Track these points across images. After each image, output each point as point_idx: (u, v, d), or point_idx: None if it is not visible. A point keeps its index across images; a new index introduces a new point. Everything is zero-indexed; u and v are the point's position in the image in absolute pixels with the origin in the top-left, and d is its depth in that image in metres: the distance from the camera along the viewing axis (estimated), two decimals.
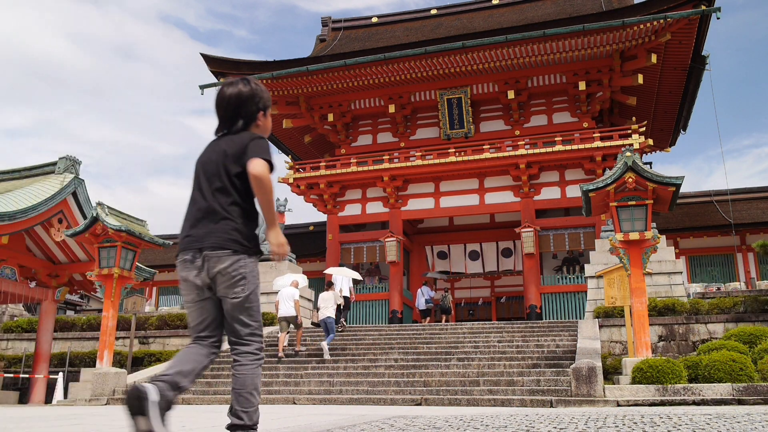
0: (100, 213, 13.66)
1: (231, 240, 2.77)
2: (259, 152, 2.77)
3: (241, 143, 2.83)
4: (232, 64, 23.65)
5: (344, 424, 4.45)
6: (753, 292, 15.98)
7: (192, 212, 2.86)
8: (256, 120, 2.98)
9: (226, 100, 2.96)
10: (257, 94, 2.98)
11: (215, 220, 2.78)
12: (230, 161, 2.82)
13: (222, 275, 2.74)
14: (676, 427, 3.95)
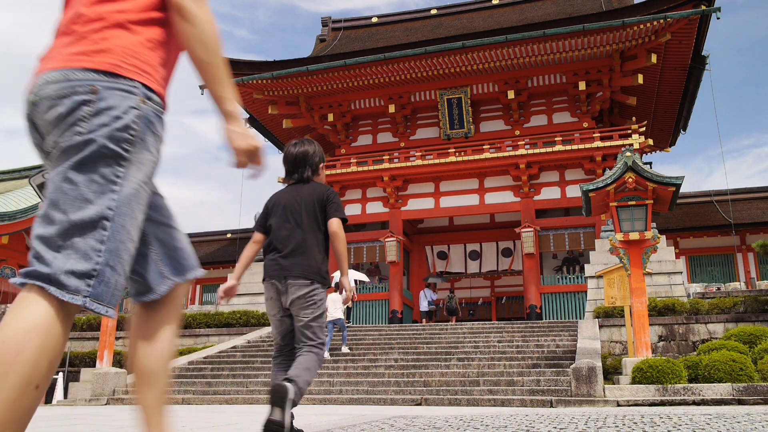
0: None
1: (311, 272, 3.53)
2: (337, 212, 3.71)
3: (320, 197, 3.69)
4: (232, 65, 23.64)
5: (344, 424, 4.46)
6: (753, 292, 15.98)
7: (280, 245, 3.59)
8: (318, 171, 3.87)
9: (294, 157, 3.81)
10: (317, 151, 3.86)
11: (301, 255, 3.53)
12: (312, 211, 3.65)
13: (299, 299, 3.49)
14: (676, 427, 3.95)
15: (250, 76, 22.50)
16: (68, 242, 1.43)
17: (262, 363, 13.49)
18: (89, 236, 1.45)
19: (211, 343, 17.09)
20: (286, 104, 24.35)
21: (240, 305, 18.83)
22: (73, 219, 1.44)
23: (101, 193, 1.48)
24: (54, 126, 1.51)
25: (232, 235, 30.27)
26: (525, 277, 21.66)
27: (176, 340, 1.71)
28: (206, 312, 18.85)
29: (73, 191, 1.45)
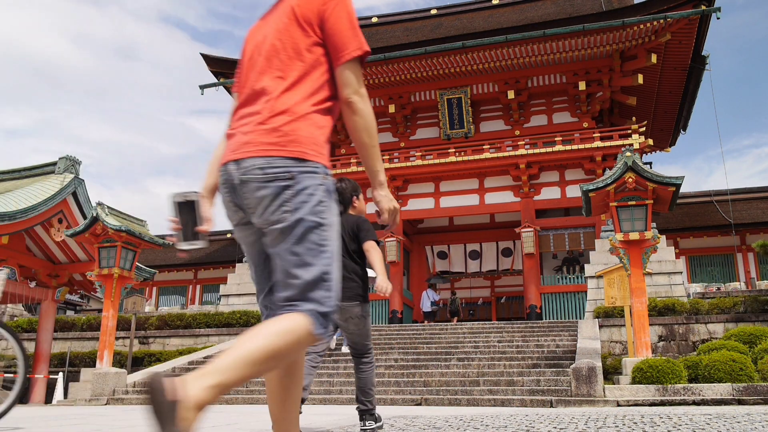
0: (100, 213, 13.67)
1: (358, 295, 4.31)
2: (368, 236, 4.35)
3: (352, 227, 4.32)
4: (233, 64, 23.64)
5: (344, 424, 4.46)
6: (753, 292, 15.98)
7: None
8: (352, 204, 4.51)
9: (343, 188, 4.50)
10: (349, 187, 4.50)
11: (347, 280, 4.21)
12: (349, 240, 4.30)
13: (352, 318, 4.28)
14: (676, 427, 3.95)
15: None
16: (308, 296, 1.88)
17: None
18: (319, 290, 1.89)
19: (211, 343, 17.09)
20: None
21: (240, 305, 18.84)
22: (307, 279, 1.88)
23: (317, 255, 1.91)
24: (260, 203, 1.92)
25: (233, 235, 30.25)
26: (525, 277, 21.66)
27: None
28: (206, 312, 18.86)
29: (299, 260, 1.89)
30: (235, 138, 1.99)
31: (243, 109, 2.03)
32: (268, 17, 2.15)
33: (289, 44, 2.01)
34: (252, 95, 2.02)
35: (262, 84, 2.00)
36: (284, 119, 1.94)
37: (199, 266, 29.98)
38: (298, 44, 2.00)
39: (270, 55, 2.03)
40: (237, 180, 1.94)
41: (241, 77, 2.13)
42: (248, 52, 2.14)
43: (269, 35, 2.05)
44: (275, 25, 2.06)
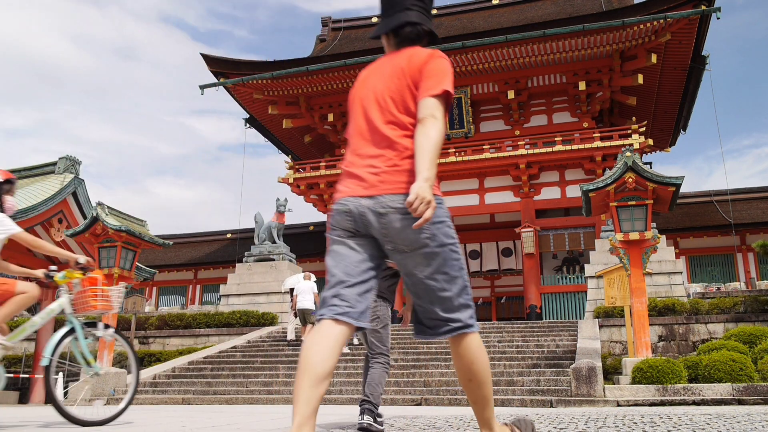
0: (100, 213, 13.67)
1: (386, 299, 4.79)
2: None
3: None
4: (232, 65, 23.65)
5: (344, 424, 4.45)
6: (753, 292, 15.98)
7: None
8: None
9: None
10: None
11: None
12: None
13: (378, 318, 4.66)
14: (676, 427, 3.95)
15: (250, 76, 22.49)
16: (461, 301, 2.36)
17: (262, 363, 13.48)
18: (465, 294, 2.39)
19: (211, 343, 17.09)
20: (286, 104, 24.34)
21: (240, 305, 18.84)
22: (459, 287, 2.37)
23: (458, 270, 2.39)
24: (401, 232, 2.30)
25: (232, 235, 30.27)
26: (525, 277, 21.66)
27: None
28: (206, 312, 18.86)
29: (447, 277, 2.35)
30: (365, 177, 2.37)
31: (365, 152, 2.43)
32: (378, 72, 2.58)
33: (401, 100, 2.41)
34: (374, 141, 2.42)
35: (383, 132, 2.40)
36: (412, 162, 2.31)
37: (199, 266, 29.98)
38: (408, 100, 2.40)
39: (385, 107, 2.43)
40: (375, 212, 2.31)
41: (355, 123, 2.56)
42: (361, 100, 2.56)
43: (384, 90, 2.46)
44: (388, 82, 2.47)
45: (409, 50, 2.53)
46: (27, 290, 4.28)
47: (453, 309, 2.34)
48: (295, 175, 23.76)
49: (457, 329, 2.34)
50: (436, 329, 2.38)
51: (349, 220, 2.36)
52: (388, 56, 2.62)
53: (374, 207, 2.31)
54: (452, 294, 2.34)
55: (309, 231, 29.27)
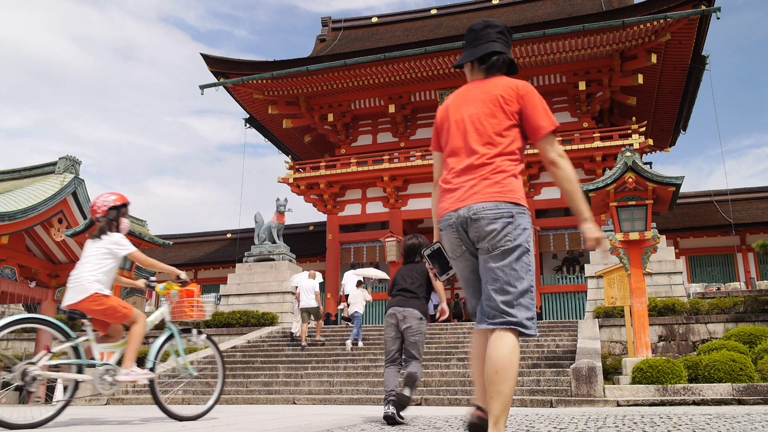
0: None
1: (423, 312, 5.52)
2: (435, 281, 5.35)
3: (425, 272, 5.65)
4: (232, 64, 23.65)
5: (344, 424, 4.45)
6: (753, 292, 15.97)
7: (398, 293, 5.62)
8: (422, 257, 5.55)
9: (410, 247, 5.88)
10: (423, 243, 5.72)
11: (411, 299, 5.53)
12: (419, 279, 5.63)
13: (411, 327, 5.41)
14: (676, 427, 3.95)
15: (250, 76, 22.49)
16: (519, 302, 2.63)
17: (262, 363, 13.48)
18: (527, 297, 2.66)
19: None
20: (286, 104, 24.34)
21: (240, 305, 18.83)
22: (520, 289, 2.64)
23: (527, 272, 2.68)
24: (488, 234, 2.67)
25: (232, 235, 30.27)
26: None
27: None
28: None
29: (516, 274, 2.64)
30: (461, 190, 2.77)
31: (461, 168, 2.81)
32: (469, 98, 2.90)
33: (496, 123, 2.79)
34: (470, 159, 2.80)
35: (478, 151, 2.78)
36: (502, 176, 2.73)
37: (199, 266, 29.98)
38: (502, 124, 2.79)
39: (482, 130, 2.80)
40: (468, 218, 2.70)
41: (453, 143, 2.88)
42: (456, 123, 2.89)
43: (479, 115, 2.82)
44: (482, 107, 2.83)
45: (498, 79, 2.90)
46: (141, 321, 4.75)
47: (513, 305, 2.64)
48: (295, 175, 23.76)
49: (510, 324, 2.62)
50: (494, 318, 2.66)
51: (454, 232, 2.79)
52: (476, 83, 2.95)
53: (468, 214, 2.72)
54: (516, 291, 2.65)
55: (309, 231, 29.27)
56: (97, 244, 4.75)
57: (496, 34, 2.94)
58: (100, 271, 4.63)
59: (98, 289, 4.55)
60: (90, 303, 4.52)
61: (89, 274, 4.57)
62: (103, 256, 4.69)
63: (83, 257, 4.71)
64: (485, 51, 2.90)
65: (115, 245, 4.76)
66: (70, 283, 4.62)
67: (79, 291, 4.53)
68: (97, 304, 4.53)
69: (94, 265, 4.63)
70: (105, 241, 4.76)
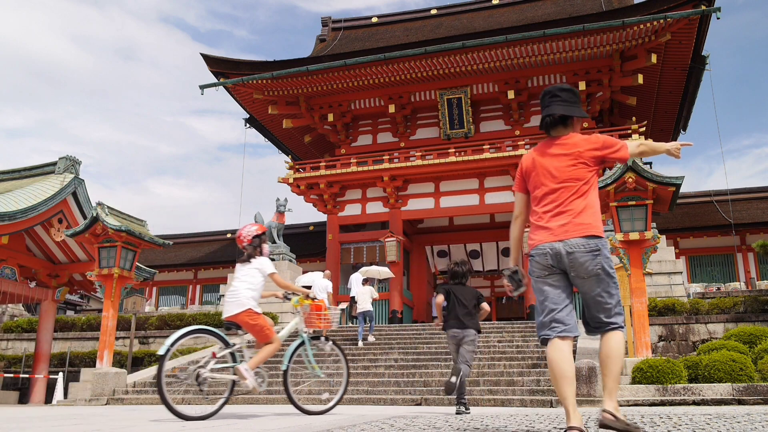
0: (99, 213, 13.66)
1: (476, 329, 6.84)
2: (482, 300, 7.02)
3: (475, 295, 6.96)
4: (232, 65, 23.64)
5: (344, 424, 4.45)
6: (753, 292, 15.97)
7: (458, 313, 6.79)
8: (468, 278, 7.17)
9: (461, 272, 7.07)
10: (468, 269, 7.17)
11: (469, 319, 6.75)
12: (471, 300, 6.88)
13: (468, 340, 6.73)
14: (676, 427, 3.95)
15: (250, 76, 22.49)
16: (616, 311, 3.43)
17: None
18: (619, 306, 3.45)
19: (211, 343, 17.03)
20: (286, 104, 24.34)
21: None
22: (616, 301, 3.42)
23: (616, 289, 3.43)
24: (583, 264, 3.35)
25: (232, 235, 30.27)
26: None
27: None
28: (206, 312, 18.85)
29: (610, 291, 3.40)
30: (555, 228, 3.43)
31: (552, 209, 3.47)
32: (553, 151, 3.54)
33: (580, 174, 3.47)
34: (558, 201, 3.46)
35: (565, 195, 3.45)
36: (589, 217, 3.42)
37: (199, 266, 29.98)
38: (584, 175, 3.47)
39: (567, 178, 3.46)
40: (564, 251, 3.37)
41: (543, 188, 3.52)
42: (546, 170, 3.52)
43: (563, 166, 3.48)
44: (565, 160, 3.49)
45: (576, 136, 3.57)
46: (276, 343, 5.58)
47: (612, 315, 3.42)
48: (295, 175, 23.75)
49: (614, 328, 3.42)
50: (601, 328, 3.45)
51: (546, 259, 3.42)
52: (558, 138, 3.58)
53: (564, 248, 3.37)
54: (611, 305, 3.41)
55: (309, 231, 29.27)
56: (247, 266, 5.63)
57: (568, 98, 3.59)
58: (254, 289, 5.50)
59: (253, 306, 5.42)
60: (245, 316, 5.40)
61: (246, 291, 5.44)
62: (254, 276, 5.55)
63: (236, 278, 5.59)
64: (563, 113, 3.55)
65: (262, 267, 5.61)
66: (229, 297, 5.48)
67: (237, 305, 5.40)
68: (251, 318, 5.42)
69: (248, 284, 5.49)
70: (254, 264, 5.62)
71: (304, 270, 20.64)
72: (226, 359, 5.41)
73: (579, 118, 3.58)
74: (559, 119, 3.56)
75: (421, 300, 24.67)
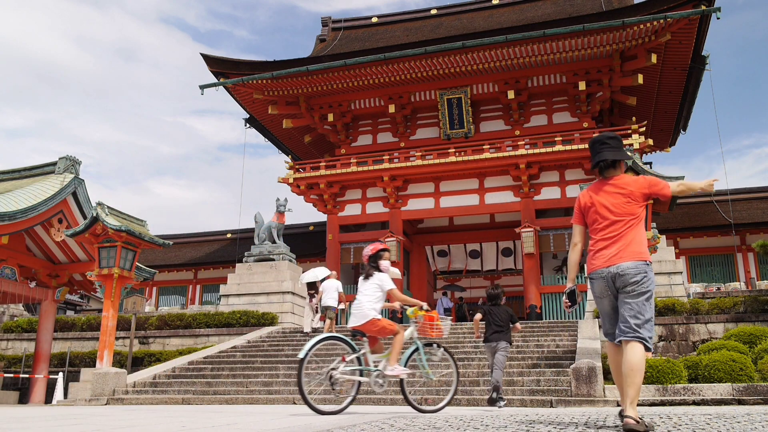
0: (99, 213, 13.66)
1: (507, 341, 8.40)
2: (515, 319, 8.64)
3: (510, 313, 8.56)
4: (232, 65, 23.65)
5: (344, 424, 4.45)
6: (753, 292, 15.97)
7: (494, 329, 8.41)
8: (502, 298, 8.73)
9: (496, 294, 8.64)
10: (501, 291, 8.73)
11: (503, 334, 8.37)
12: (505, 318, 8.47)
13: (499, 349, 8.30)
14: (676, 427, 3.96)
15: (250, 76, 22.49)
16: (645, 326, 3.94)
17: (262, 363, 13.48)
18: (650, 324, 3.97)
19: (211, 343, 17.09)
20: (286, 104, 24.34)
21: (240, 305, 18.83)
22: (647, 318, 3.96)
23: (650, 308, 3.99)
24: (631, 284, 3.99)
25: (232, 235, 30.27)
26: (525, 277, 21.67)
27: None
28: (206, 312, 18.85)
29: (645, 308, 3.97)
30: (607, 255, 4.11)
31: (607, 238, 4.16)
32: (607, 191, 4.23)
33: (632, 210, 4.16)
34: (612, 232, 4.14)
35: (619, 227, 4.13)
36: (638, 245, 4.09)
37: (199, 266, 29.98)
38: (636, 211, 4.15)
39: (620, 212, 4.15)
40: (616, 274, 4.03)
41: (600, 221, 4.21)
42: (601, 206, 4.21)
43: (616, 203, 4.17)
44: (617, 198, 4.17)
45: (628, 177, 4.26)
46: (401, 332, 6.35)
47: (642, 326, 3.97)
48: (295, 175, 23.76)
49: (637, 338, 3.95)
50: (627, 333, 3.98)
51: (604, 281, 4.12)
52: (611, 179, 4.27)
53: (617, 271, 4.05)
54: (643, 318, 3.99)
55: (309, 231, 29.27)
56: (369, 281, 6.30)
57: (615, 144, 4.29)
58: (375, 301, 6.22)
59: (374, 315, 6.16)
60: (369, 325, 6.16)
61: (368, 303, 6.18)
62: (374, 291, 6.25)
63: (360, 292, 6.31)
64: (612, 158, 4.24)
65: (381, 283, 6.28)
66: (354, 309, 6.26)
67: (361, 316, 6.16)
68: (373, 326, 6.17)
69: (370, 297, 6.21)
70: (374, 280, 6.29)
71: (304, 270, 20.64)
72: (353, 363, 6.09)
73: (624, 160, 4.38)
74: (609, 163, 4.27)
75: (421, 300, 24.64)
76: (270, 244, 19.94)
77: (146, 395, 11.73)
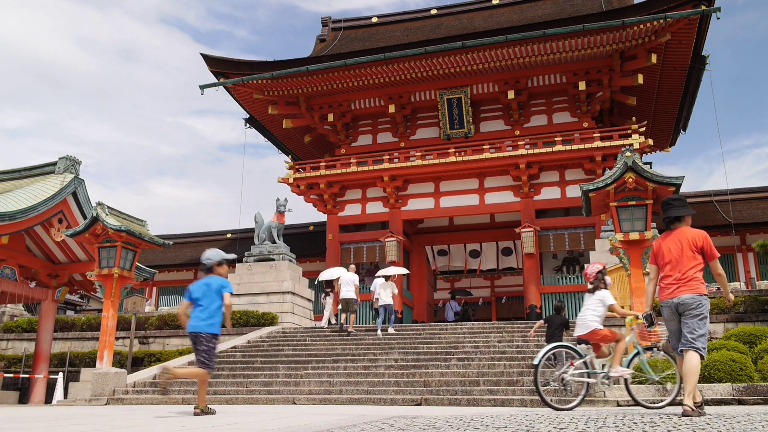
0: (100, 213, 13.66)
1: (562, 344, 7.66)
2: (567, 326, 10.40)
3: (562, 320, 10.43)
4: (233, 65, 23.65)
5: (344, 424, 4.45)
6: (753, 292, 15.95)
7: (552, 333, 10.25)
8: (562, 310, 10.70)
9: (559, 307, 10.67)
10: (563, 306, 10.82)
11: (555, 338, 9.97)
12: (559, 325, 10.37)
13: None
14: (676, 427, 3.96)
15: (250, 76, 22.48)
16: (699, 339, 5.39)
17: (262, 363, 13.48)
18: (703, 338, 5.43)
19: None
20: (286, 104, 24.34)
21: (240, 305, 18.82)
22: (702, 333, 5.42)
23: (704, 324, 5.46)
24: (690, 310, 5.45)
25: (232, 235, 30.26)
26: (525, 277, 21.66)
27: None
28: None
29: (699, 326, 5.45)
30: (672, 289, 5.53)
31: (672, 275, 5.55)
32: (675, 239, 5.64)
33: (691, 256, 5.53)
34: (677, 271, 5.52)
35: (681, 268, 5.52)
36: (697, 283, 5.46)
37: (199, 266, 29.92)
38: (693, 255, 5.52)
39: (683, 258, 5.54)
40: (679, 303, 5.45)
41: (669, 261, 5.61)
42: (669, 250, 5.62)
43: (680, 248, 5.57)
44: (681, 245, 5.57)
45: (691, 230, 5.66)
46: (623, 339, 7.04)
47: (696, 339, 5.32)
48: (295, 175, 23.75)
49: (693, 348, 5.30)
50: (685, 345, 5.32)
51: (671, 309, 5.52)
52: (678, 230, 5.69)
53: (679, 301, 5.45)
54: (698, 333, 5.33)
55: (309, 231, 29.25)
56: (593, 296, 7.21)
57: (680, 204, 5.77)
58: (597, 314, 7.08)
59: (596, 326, 7.00)
60: (592, 335, 7.02)
61: (591, 316, 7.06)
62: (597, 305, 7.15)
63: (585, 306, 7.22)
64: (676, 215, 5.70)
65: (603, 298, 7.17)
66: (579, 321, 7.17)
67: (584, 327, 7.06)
68: (595, 335, 7.00)
69: (593, 311, 7.09)
70: (597, 295, 7.19)
71: (305, 270, 20.65)
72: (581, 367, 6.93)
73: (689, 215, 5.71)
74: (675, 218, 5.68)
75: (421, 300, 24.66)
76: (270, 244, 19.94)
77: (146, 395, 11.73)
